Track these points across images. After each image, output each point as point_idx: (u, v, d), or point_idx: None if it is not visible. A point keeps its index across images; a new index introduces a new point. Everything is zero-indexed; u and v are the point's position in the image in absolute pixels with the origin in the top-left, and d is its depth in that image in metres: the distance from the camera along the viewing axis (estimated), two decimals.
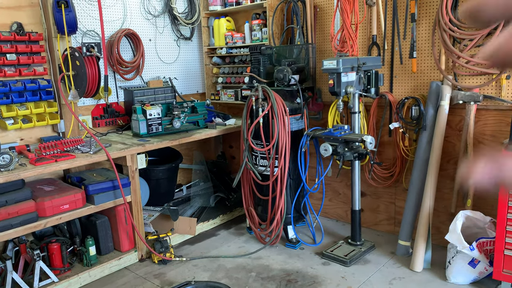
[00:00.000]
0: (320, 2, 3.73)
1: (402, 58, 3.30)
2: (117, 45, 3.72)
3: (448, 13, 2.87)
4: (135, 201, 3.23)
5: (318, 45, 3.80)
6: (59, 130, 3.39)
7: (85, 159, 2.87)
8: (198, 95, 4.65)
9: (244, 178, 3.57)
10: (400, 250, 3.24)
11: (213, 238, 3.71)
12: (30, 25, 3.21)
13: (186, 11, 4.34)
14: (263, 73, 3.63)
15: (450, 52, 2.93)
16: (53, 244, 2.96)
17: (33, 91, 3.18)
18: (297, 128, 3.41)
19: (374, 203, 3.72)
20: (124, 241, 3.26)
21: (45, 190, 2.94)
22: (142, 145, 3.18)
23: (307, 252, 3.38)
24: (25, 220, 2.65)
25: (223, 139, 4.84)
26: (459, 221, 2.72)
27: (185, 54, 4.48)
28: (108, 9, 3.76)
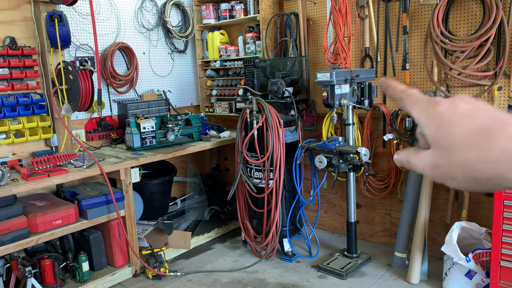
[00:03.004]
0: (313, 15, 3.77)
1: (395, 70, 3.33)
2: (110, 59, 3.72)
3: (440, 25, 2.90)
4: (129, 215, 3.20)
5: (312, 57, 3.82)
6: (52, 144, 3.37)
7: (78, 173, 2.84)
8: (193, 108, 4.65)
9: (239, 190, 3.55)
10: (397, 262, 3.22)
11: (208, 252, 3.68)
12: (23, 39, 3.20)
13: (180, 24, 4.36)
14: (257, 86, 3.64)
15: (442, 64, 2.96)
16: (45, 261, 2.92)
17: (25, 106, 3.16)
18: (292, 140, 3.41)
19: (370, 215, 3.71)
20: (118, 256, 3.21)
21: (37, 206, 2.90)
22: (136, 159, 3.16)
23: (303, 265, 3.35)
24: (17, 237, 2.61)
25: (217, 152, 4.82)
26: (454, 232, 2.71)
27: (179, 67, 4.49)
28: (102, 23, 3.77)
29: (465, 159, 0.42)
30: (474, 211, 3.03)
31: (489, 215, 2.92)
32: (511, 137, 0.40)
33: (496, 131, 0.41)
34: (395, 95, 0.52)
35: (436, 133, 0.45)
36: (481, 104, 0.45)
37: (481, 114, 0.43)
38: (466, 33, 2.96)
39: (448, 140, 0.44)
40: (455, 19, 2.99)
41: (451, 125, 0.44)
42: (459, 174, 0.43)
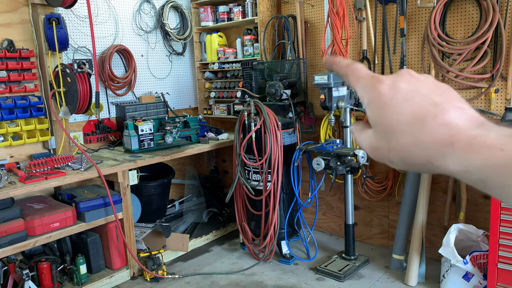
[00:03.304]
0: (310, 18, 3.78)
1: (393, 72, 3.32)
2: (108, 61, 3.72)
3: (437, 28, 2.91)
4: (127, 218, 3.19)
5: (309, 60, 3.83)
6: (50, 146, 3.36)
7: (76, 176, 2.84)
8: (191, 110, 4.65)
9: (237, 193, 3.56)
10: (394, 264, 3.23)
11: (206, 255, 3.67)
12: (21, 42, 3.21)
13: (178, 27, 4.36)
14: (255, 88, 3.65)
15: (440, 67, 2.96)
16: (43, 263, 2.91)
17: (23, 108, 3.16)
18: (290, 142, 3.41)
19: (368, 217, 3.71)
20: (116, 258, 3.21)
21: (35, 208, 2.89)
22: (134, 161, 3.16)
23: (301, 267, 3.35)
24: (14, 239, 2.60)
25: (216, 154, 4.83)
26: (452, 234, 2.72)
27: (177, 69, 4.49)
28: (100, 25, 3.77)
29: (402, 145, 0.43)
30: (472, 213, 3.04)
31: (486, 217, 2.92)
32: (441, 124, 0.40)
33: (430, 118, 0.41)
34: (341, 71, 0.51)
35: (376, 116, 0.45)
36: (422, 83, 0.44)
37: (420, 97, 0.43)
38: (463, 36, 2.97)
39: (387, 124, 0.44)
40: (452, 21, 3.00)
41: (390, 109, 0.44)
42: (396, 158, 0.44)
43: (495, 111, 2.90)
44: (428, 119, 0.41)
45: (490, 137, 0.38)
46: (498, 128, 0.39)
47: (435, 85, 0.44)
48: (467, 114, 0.41)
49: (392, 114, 0.43)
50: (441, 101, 0.42)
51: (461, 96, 0.44)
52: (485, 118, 0.42)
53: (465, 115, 0.41)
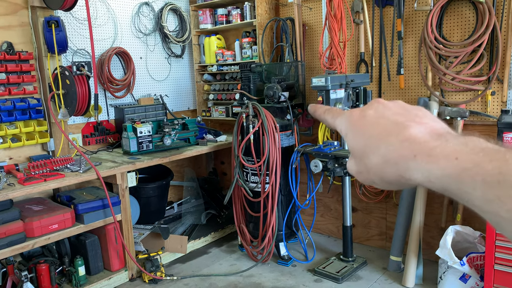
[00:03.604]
0: (308, 21, 3.80)
1: (390, 75, 3.35)
2: (107, 63, 3.74)
3: (434, 31, 2.93)
4: (125, 219, 3.20)
5: (307, 62, 3.85)
6: (49, 148, 3.37)
7: (75, 178, 2.85)
8: (190, 112, 4.66)
9: (235, 195, 3.57)
10: (392, 266, 3.24)
11: (204, 256, 3.68)
12: (20, 44, 3.22)
13: (177, 29, 4.38)
14: (253, 90, 3.67)
15: (436, 69, 2.99)
16: (42, 265, 2.92)
17: (22, 110, 3.17)
18: (288, 144, 3.43)
19: (366, 219, 3.72)
20: (114, 260, 3.22)
21: (33, 210, 2.90)
22: (132, 163, 3.17)
23: (299, 269, 3.36)
24: (13, 241, 2.61)
25: (214, 156, 4.84)
26: (449, 236, 2.73)
27: (176, 71, 4.51)
28: (99, 28, 3.79)
29: (375, 165, 0.46)
30: (469, 215, 3.05)
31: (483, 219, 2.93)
32: (403, 140, 0.43)
33: (393, 137, 0.44)
34: (321, 115, 0.57)
35: (351, 143, 0.49)
36: (388, 108, 0.48)
37: (384, 120, 0.46)
38: (459, 39, 2.99)
39: (360, 149, 0.48)
40: (449, 24, 3.03)
41: (360, 135, 0.48)
42: (375, 178, 0.47)
43: (492, 114, 2.92)
44: (392, 138, 0.44)
45: (447, 147, 0.40)
46: (457, 137, 0.41)
47: (401, 108, 0.48)
48: (426, 127, 0.44)
49: (362, 139, 0.47)
50: (403, 120, 0.45)
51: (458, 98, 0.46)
52: (448, 127, 0.45)
53: (424, 128, 0.44)
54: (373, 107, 0.49)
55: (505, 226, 0.37)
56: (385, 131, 0.45)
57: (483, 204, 0.37)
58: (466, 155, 0.38)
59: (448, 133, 0.43)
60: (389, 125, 0.45)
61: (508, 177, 0.35)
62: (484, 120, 2.97)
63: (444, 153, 0.40)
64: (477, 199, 0.37)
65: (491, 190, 0.36)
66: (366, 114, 0.48)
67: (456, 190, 0.39)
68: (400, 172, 0.43)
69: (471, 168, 0.37)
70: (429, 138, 0.42)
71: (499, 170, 0.36)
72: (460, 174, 0.38)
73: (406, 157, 0.42)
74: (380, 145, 0.45)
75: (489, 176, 0.36)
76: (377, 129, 0.46)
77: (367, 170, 0.47)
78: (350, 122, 0.50)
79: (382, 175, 0.46)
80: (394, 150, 0.44)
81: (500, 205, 0.36)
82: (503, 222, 0.36)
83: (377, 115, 0.47)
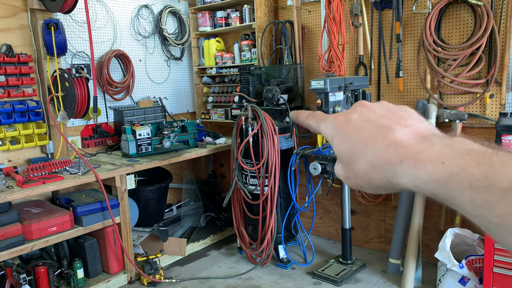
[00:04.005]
0: (307, 23, 3.81)
1: (389, 78, 3.36)
2: (107, 66, 3.74)
3: (432, 34, 2.94)
4: (124, 222, 3.20)
5: (306, 65, 3.86)
6: (48, 151, 3.37)
7: (74, 180, 2.85)
8: (189, 114, 4.67)
9: (234, 197, 3.57)
10: (391, 269, 3.24)
11: (203, 259, 3.68)
12: (19, 46, 3.22)
13: (176, 32, 4.39)
14: (252, 93, 3.67)
15: (435, 72, 2.99)
16: (40, 268, 2.91)
17: (21, 113, 3.17)
18: (287, 146, 3.43)
19: (365, 221, 3.72)
20: (113, 263, 3.21)
21: (32, 212, 2.90)
22: (131, 166, 3.17)
23: (298, 272, 3.36)
24: (11, 244, 2.61)
25: (213, 158, 4.84)
26: (448, 238, 2.73)
27: (175, 74, 4.51)
28: (98, 30, 3.79)
29: (362, 170, 0.45)
30: None
31: None
32: (388, 145, 0.42)
33: (379, 141, 0.43)
34: (304, 121, 0.56)
35: (337, 148, 0.48)
36: (373, 110, 0.47)
37: (369, 124, 0.45)
38: (458, 42, 3.00)
39: (346, 155, 0.46)
40: (447, 27, 3.04)
41: (345, 140, 0.47)
42: (363, 183, 0.46)
43: (490, 116, 2.93)
44: (377, 143, 0.43)
45: (433, 151, 0.39)
46: (442, 139, 0.41)
47: (385, 110, 0.47)
48: (411, 130, 0.43)
49: (348, 144, 0.46)
50: (388, 123, 0.44)
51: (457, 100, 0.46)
52: (433, 128, 0.44)
53: (410, 131, 0.43)
54: (357, 111, 0.48)
55: (495, 231, 0.36)
56: (371, 136, 0.44)
57: (471, 209, 0.37)
58: (452, 159, 0.37)
59: (433, 135, 0.42)
60: (374, 129, 0.45)
61: (495, 182, 0.34)
62: (482, 123, 2.97)
63: (430, 157, 0.39)
64: (466, 204, 0.37)
65: (478, 195, 0.35)
66: (350, 118, 0.47)
67: (444, 194, 0.38)
68: (387, 177, 0.42)
69: (458, 172, 0.37)
70: (414, 141, 0.41)
71: (485, 174, 0.35)
72: (448, 179, 0.37)
73: (393, 162, 0.41)
74: (366, 150, 0.44)
75: (476, 181, 0.35)
76: (363, 133, 0.45)
77: (355, 175, 0.46)
78: (335, 127, 0.49)
79: (369, 180, 0.45)
80: (380, 155, 0.43)
81: (489, 210, 0.35)
82: (493, 227, 0.36)
83: (362, 119, 0.46)
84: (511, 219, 0.34)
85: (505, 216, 0.34)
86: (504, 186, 0.34)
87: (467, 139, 0.40)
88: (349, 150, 0.46)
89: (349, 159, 0.46)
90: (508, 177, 0.34)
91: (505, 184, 0.34)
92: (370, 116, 0.46)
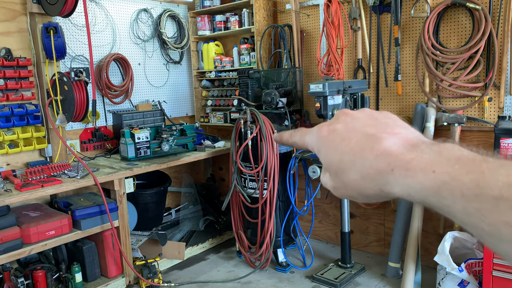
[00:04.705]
0: (306, 27, 3.82)
1: (387, 81, 3.37)
2: (106, 70, 3.74)
3: (430, 38, 2.95)
4: (123, 225, 3.19)
5: (305, 68, 3.87)
6: (47, 154, 3.37)
7: (72, 184, 2.85)
8: (188, 118, 4.67)
9: (233, 201, 3.56)
10: (390, 272, 3.23)
11: (202, 263, 3.67)
12: (18, 50, 3.23)
13: (175, 35, 4.40)
14: (251, 96, 3.67)
15: (434, 75, 3.00)
16: (38, 272, 2.90)
17: (20, 116, 3.17)
18: (286, 150, 3.43)
19: (364, 225, 3.72)
20: (112, 267, 3.20)
21: (30, 216, 2.89)
22: (130, 169, 3.17)
23: (298, 275, 3.35)
24: (9, 247, 2.60)
25: (212, 161, 4.83)
26: (447, 242, 2.73)
27: (174, 77, 4.52)
28: (98, 34, 3.80)
29: (352, 180, 0.44)
30: None
31: None
32: (378, 155, 0.42)
33: (367, 151, 0.43)
34: (289, 140, 0.55)
35: (325, 159, 0.48)
36: (357, 119, 0.47)
37: (355, 133, 0.45)
38: (456, 45, 3.01)
39: (334, 166, 0.46)
40: (446, 31, 3.05)
41: (332, 151, 0.46)
42: (354, 193, 0.46)
43: (489, 120, 2.93)
44: (366, 152, 0.43)
45: (423, 160, 0.39)
46: (431, 146, 0.40)
47: (369, 118, 0.47)
48: (399, 138, 0.43)
49: (336, 155, 0.46)
50: (375, 132, 0.44)
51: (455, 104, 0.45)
52: (420, 135, 0.43)
53: (398, 139, 0.42)
54: (340, 120, 0.47)
55: (487, 239, 0.36)
56: (358, 146, 0.44)
57: (464, 217, 0.36)
58: (443, 167, 0.37)
59: (422, 142, 0.42)
60: (361, 139, 0.44)
61: (486, 190, 0.34)
62: (481, 126, 2.97)
63: (421, 166, 0.39)
64: (458, 212, 0.37)
65: (470, 203, 0.35)
66: (335, 129, 0.47)
67: (437, 203, 0.38)
68: (379, 186, 0.42)
69: (449, 181, 0.36)
70: (404, 150, 0.41)
71: (476, 183, 0.35)
72: (440, 188, 0.37)
73: (384, 172, 0.41)
74: (356, 161, 0.44)
75: (467, 189, 0.35)
76: (350, 143, 0.45)
77: (345, 185, 0.46)
78: (321, 138, 0.48)
79: (360, 190, 0.44)
80: (370, 166, 0.42)
81: (481, 218, 0.35)
82: (485, 235, 0.36)
83: (347, 129, 0.46)
84: (503, 228, 0.34)
85: (496, 224, 0.34)
86: (494, 194, 0.34)
87: (455, 145, 0.40)
88: (337, 160, 0.46)
89: (338, 169, 0.46)
90: (498, 185, 0.34)
91: (495, 192, 0.34)
92: (355, 125, 0.46)
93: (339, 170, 0.45)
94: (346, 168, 0.45)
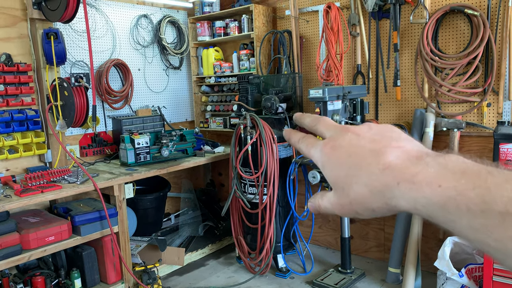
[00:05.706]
0: (305, 33, 3.84)
1: (387, 87, 3.38)
2: (106, 75, 3.75)
3: (429, 43, 2.96)
4: (122, 231, 3.18)
5: (305, 74, 3.88)
6: (46, 160, 3.37)
7: (72, 189, 2.84)
8: (187, 123, 4.67)
9: (233, 206, 3.56)
10: (390, 278, 3.22)
11: (201, 269, 3.66)
12: (19, 56, 3.23)
13: (175, 41, 4.41)
14: (251, 102, 3.68)
15: (433, 81, 3.01)
16: (37, 278, 2.89)
17: (20, 122, 3.17)
18: (286, 155, 3.43)
19: (364, 230, 3.71)
20: (111, 272, 3.19)
21: (30, 222, 2.88)
22: (130, 175, 3.16)
23: (298, 281, 3.34)
24: (9, 253, 2.59)
25: (212, 167, 4.83)
26: (447, 247, 2.72)
27: (174, 83, 4.53)
28: (98, 40, 3.81)
29: (359, 195, 0.44)
30: None
31: None
32: (383, 169, 0.42)
33: (373, 166, 0.43)
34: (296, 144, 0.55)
35: (331, 175, 0.48)
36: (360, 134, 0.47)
37: (360, 149, 0.45)
38: (455, 51, 3.02)
39: (342, 180, 0.46)
40: (444, 37, 3.06)
41: (339, 166, 0.46)
42: (359, 208, 0.46)
43: (487, 125, 2.94)
44: (372, 166, 0.43)
45: (429, 173, 0.39)
46: (436, 158, 0.40)
47: (373, 133, 0.47)
48: (403, 151, 0.43)
49: (342, 170, 0.46)
50: (379, 146, 0.44)
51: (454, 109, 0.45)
52: (424, 148, 0.44)
53: (402, 153, 0.43)
54: (346, 137, 0.47)
55: (494, 254, 0.36)
56: (364, 161, 0.44)
57: (470, 233, 0.36)
58: (449, 182, 0.37)
59: (427, 155, 0.42)
60: (366, 154, 0.44)
61: (492, 206, 0.34)
62: (480, 132, 2.98)
63: (427, 180, 0.39)
64: (464, 228, 0.37)
65: (476, 219, 0.35)
66: (340, 145, 0.47)
67: (442, 217, 0.38)
68: (385, 200, 0.42)
69: (455, 196, 0.36)
70: (408, 163, 0.41)
71: (482, 198, 0.35)
72: (446, 203, 0.37)
73: (390, 185, 0.41)
74: (361, 175, 0.44)
75: (473, 204, 0.35)
76: (355, 159, 0.45)
77: (349, 201, 0.46)
78: (326, 154, 0.48)
79: (366, 205, 0.44)
80: (376, 180, 0.43)
81: (487, 234, 0.35)
82: (492, 250, 0.36)
83: (352, 144, 0.46)
84: (509, 243, 0.34)
85: (503, 240, 0.34)
86: (500, 210, 0.34)
87: (460, 156, 0.40)
88: (343, 175, 0.46)
89: (344, 184, 0.46)
90: (503, 200, 0.34)
91: (501, 208, 0.34)
92: (360, 140, 0.46)
93: (345, 185, 0.46)
94: (352, 182, 0.45)
